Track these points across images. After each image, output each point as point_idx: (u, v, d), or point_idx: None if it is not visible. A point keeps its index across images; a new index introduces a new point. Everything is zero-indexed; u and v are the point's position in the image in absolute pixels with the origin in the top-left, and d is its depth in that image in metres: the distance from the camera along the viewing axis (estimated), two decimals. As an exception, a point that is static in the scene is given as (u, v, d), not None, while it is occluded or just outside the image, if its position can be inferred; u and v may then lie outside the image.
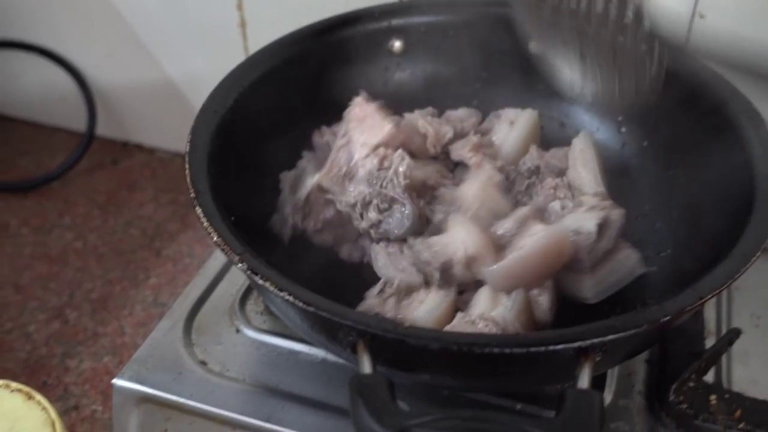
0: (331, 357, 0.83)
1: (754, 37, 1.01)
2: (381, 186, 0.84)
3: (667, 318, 0.61)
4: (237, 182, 0.82)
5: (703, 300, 0.62)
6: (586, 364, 0.59)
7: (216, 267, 0.96)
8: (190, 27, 1.32)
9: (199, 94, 0.86)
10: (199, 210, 0.70)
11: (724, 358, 0.84)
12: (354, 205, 0.85)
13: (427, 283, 0.80)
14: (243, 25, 1.28)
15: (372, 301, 0.77)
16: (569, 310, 0.82)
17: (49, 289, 1.21)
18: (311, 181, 0.87)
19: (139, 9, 1.34)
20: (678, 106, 0.88)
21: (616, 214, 0.81)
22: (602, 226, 0.78)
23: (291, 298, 0.62)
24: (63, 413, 1.02)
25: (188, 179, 0.74)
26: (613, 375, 0.82)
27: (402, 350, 0.62)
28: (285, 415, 0.78)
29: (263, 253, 0.69)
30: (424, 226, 0.86)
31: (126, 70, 1.43)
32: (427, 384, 0.77)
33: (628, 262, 0.82)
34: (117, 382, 0.82)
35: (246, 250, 0.67)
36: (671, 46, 0.89)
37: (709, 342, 0.84)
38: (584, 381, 0.58)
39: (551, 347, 0.58)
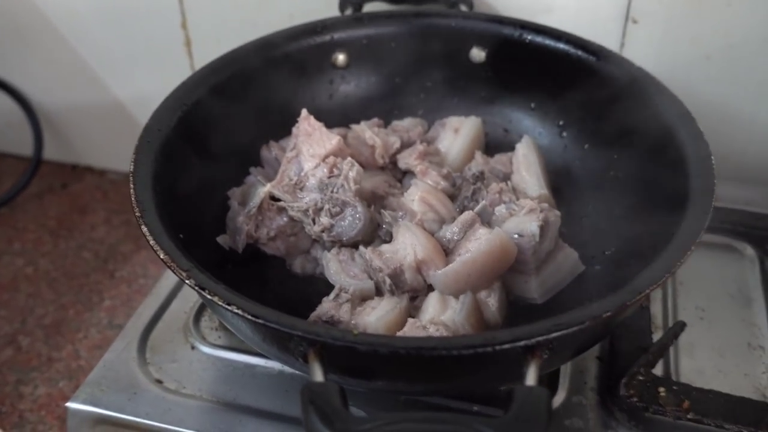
0: (287, 369, 0.84)
1: (683, 39, 1.05)
2: (332, 191, 0.85)
3: (609, 313, 0.62)
4: (184, 200, 0.82)
5: (642, 294, 0.64)
6: (533, 362, 0.60)
7: (169, 286, 0.96)
8: (135, 47, 1.32)
9: (147, 114, 0.86)
10: (144, 228, 0.70)
11: (671, 350, 0.86)
12: (306, 211, 0.86)
13: (379, 290, 0.82)
14: (188, 43, 1.28)
15: (327, 305, 0.78)
16: (520, 312, 0.84)
17: (1, 316, 1.19)
18: (263, 190, 0.88)
19: (83, 31, 1.33)
20: (615, 108, 0.91)
21: (554, 215, 0.83)
22: (543, 228, 0.80)
23: (240, 312, 0.62)
24: (19, 441, 1.01)
25: (133, 198, 0.74)
26: (566, 373, 0.84)
27: (353, 357, 0.63)
28: (243, 429, 0.78)
29: (213, 270, 0.70)
30: (375, 232, 0.87)
31: (72, 92, 1.42)
32: (382, 390, 0.77)
33: (568, 261, 0.84)
34: (71, 405, 0.81)
35: (193, 265, 0.68)
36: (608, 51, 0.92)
37: (657, 336, 0.86)
38: (531, 378, 0.59)
39: (498, 347, 0.60)
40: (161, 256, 0.68)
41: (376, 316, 0.76)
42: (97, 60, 1.36)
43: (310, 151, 0.89)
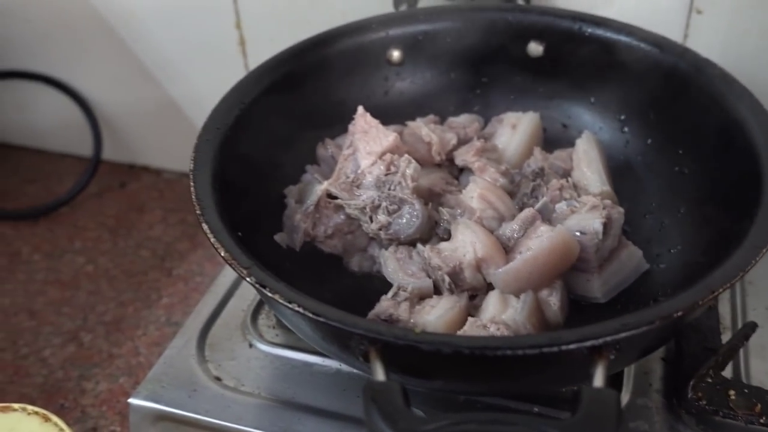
0: (345, 368, 0.83)
1: (751, 30, 1.01)
2: (389, 189, 0.84)
3: (680, 313, 0.60)
4: (242, 198, 0.83)
5: (715, 293, 0.62)
6: (600, 363, 0.59)
7: (226, 284, 0.96)
8: (190, 47, 1.33)
9: (201, 114, 0.87)
10: (205, 226, 0.71)
11: (741, 352, 0.83)
12: (363, 209, 0.85)
13: (438, 289, 0.81)
14: (242, 42, 1.29)
15: (385, 304, 0.77)
16: (582, 311, 0.82)
17: (63, 313, 1.21)
18: (320, 188, 0.87)
19: (139, 32, 1.35)
20: (680, 102, 0.89)
21: (618, 212, 0.81)
22: (606, 225, 0.78)
23: (301, 310, 0.62)
24: (81, 436, 1.03)
25: (193, 196, 0.74)
26: (629, 374, 0.82)
27: (414, 357, 0.62)
28: (301, 427, 0.78)
29: (271, 268, 0.69)
30: (432, 230, 0.86)
31: (129, 93, 1.44)
32: (442, 390, 0.76)
33: (632, 259, 0.82)
34: (133, 401, 0.82)
35: (254, 263, 0.68)
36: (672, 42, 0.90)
37: (725, 337, 0.83)
38: (599, 380, 0.58)
39: (564, 347, 0.58)
40: (222, 254, 0.68)
41: (435, 315, 0.75)
42: (152, 60, 1.38)
43: (367, 148, 0.89)
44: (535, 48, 1.00)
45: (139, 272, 1.29)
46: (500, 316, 0.74)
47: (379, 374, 0.59)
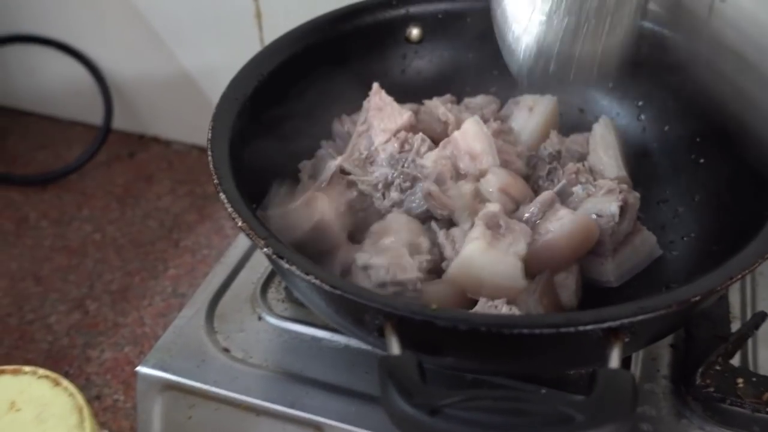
0: (353, 343, 0.83)
1: (775, 17, 1.00)
2: (403, 166, 0.84)
3: (697, 298, 0.60)
4: (257, 171, 0.82)
5: (733, 280, 0.62)
6: (616, 345, 0.59)
7: (237, 255, 0.96)
8: (205, 19, 1.32)
9: (214, 86, 0.86)
10: (223, 195, 0.70)
11: (750, 341, 0.83)
12: (376, 185, 0.85)
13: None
14: (259, 15, 1.28)
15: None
16: (594, 294, 0.82)
17: (69, 280, 1.22)
18: (333, 163, 0.87)
19: (153, 1, 1.34)
20: (700, 89, 0.88)
21: (633, 197, 0.81)
22: (622, 209, 0.78)
23: (318, 282, 0.62)
24: (85, 403, 1.03)
25: (211, 165, 0.74)
26: (637, 360, 0.82)
27: (429, 332, 0.62)
28: (309, 401, 0.78)
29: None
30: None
31: (142, 62, 1.43)
32: (453, 368, 0.76)
33: (646, 245, 0.82)
34: (141, 369, 0.82)
35: (270, 234, 0.67)
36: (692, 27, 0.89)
37: (735, 326, 0.83)
38: (615, 361, 0.58)
39: (581, 327, 0.58)
40: (240, 224, 0.68)
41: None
42: (167, 31, 1.37)
43: (381, 125, 0.88)
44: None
45: (147, 242, 1.29)
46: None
47: (395, 348, 0.59)
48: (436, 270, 0.79)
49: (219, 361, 0.83)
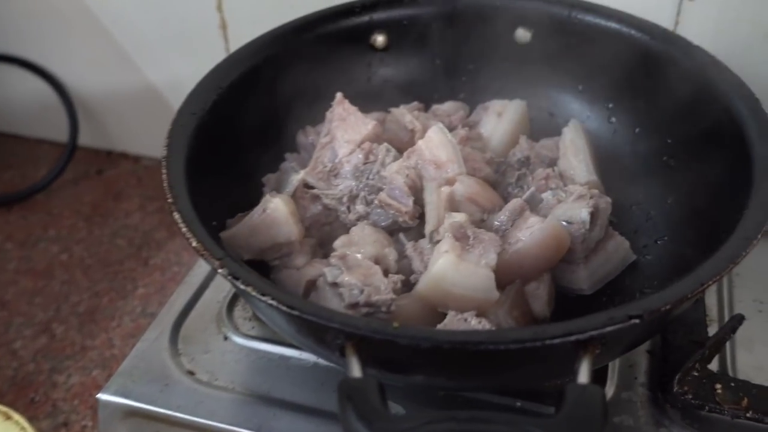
0: (322, 361, 0.81)
1: (742, 18, 0.99)
2: (368, 178, 0.82)
3: (668, 306, 0.58)
4: (218, 186, 0.80)
5: (704, 286, 0.60)
6: (585, 358, 0.57)
7: (202, 274, 0.93)
8: (170, 31, 1.30)
9: (182, 99, 0.84)
10: (177, 215, 0.68)
11: (728, 345, 0.81)
12: (341, 199, 0.82)
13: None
14: (224, 26, 1.26)
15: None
16: (568, 303, 0.80)
17: (35, 304, 1.18)
18: (296, 177, 0.85)
19: (118, 16, 1.31)
20: (670, 90, 0.86)
21: (604, 202, 0.79)
22: (593, 215, 0.76)
23: (274, 303, 0.59)
24: (52, 431, 0.99)
25: (165, 184, 0.71)
26: (614, 367, 0.80)
27: (393, 351, 0.60)
28: (276, 423, 0.76)
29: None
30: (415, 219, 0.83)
31: (108, 78, 1.40)
32: (422, 385, 0.74)
33: (619, 250, 0.80)
34: (102, 396, 0.79)
35: (226, 254, 0.65)
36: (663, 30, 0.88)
37: (712, 330, 0.82)
38: (584, 375, 0.55)
39: (548, 341, 0.56)
40: (193, 244, 0.65)
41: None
42: (132, 44, 1.34)
43: (345, 136, 0.86)
44: (522, 35, 0.97)
45: (115, 261, 1.26)
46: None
47: (355, 370, 0.56)
48: (405, 282, 0.76)
49: (183, 385, 0.80)
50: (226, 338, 0.85)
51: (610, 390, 0.78)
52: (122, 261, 1.26)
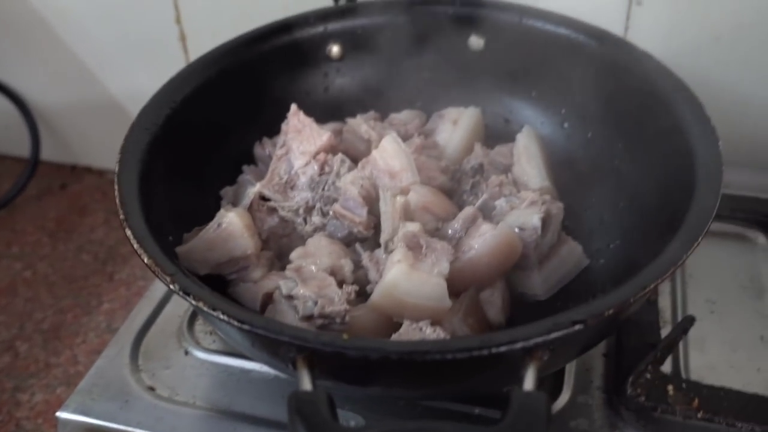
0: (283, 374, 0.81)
1: (691, 22, 1.01)
2: (323, 189, 0.82)
3: (611, 311, 0.59)
4: (174, 201, 0.80)
5: (647, 290, 0.61)
6: (531, 365, 0.57)
7: (162, 289, 0.93)
8: (130, 43, 1.30)
9: (145, 112, 0.84)
10: (128, 232, 0.68)
11: (681, 346, 0.82)
12: (297, 211, 0.83)
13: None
14: (183, 38, 1.26)
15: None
16: (523, 309, 0.81)
17: (-1, 321, 1.18)
18: (252, 190, 0.85)
19: (77, 29, 1.31)
20: (620, 95, 0.88)
21: (557, 208, 0.80)
22: (545, 221, 0.77)
23: (225, 318, 0.60)
24: (16, 450, 0.99)
25: (117, 200, 0.71)
26: (571, 371, 0.81)
27: (344, 363, 0.60)
28: (237, 437, 0.76)
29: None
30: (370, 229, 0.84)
31: (69, 91, 1.40)
32: (378, 395, 0.75)
33: (572, 255, 0.81)
34: (61, 414, 0.79)
35: (179, 270, 0.65)
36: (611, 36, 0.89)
37: (665, 331, 0.83)
38: (529, 382, 0.56)
39: (494, 349, 0.57)
40: (145, 260, 0.66)
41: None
42: (92, 58, 1.34)
43: (300, 148, 0.87)
44: (476, 41, 0.99)
45: (80, 277, 1.25)
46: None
47: (306, 383, 0.57)
48: (362, 292, 0.77)
49: (144, 401, 0.80)
50: (186, 353, 0.85)
51: (566, 394, 0.79)
52: (87, 276, 1.25)
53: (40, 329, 1.16)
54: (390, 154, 0.82)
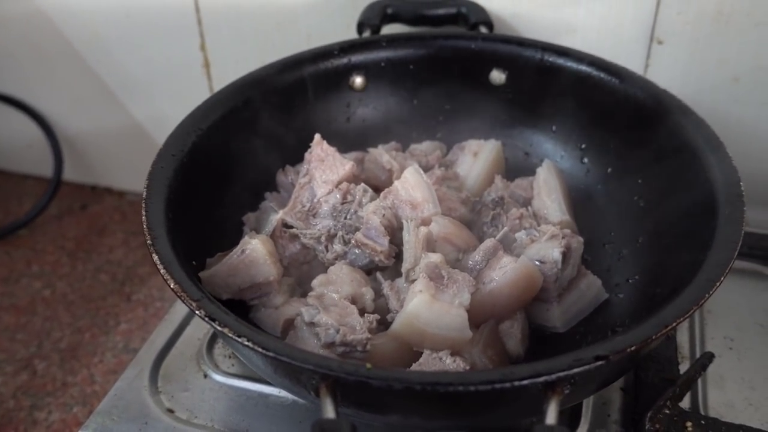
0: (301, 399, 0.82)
1: (710, 60, 1.02)
2: (345, 218, 0.83)
3: (633, 348, 0.60)
4: (199, 226, 0.81)
5: (668, 328, 0.61)
6: (553, 399, 0.58)
7: (182, 311, 0.94)
8: (154, 69, 1.32)
9: (165, 135, 0.85)
10: (155, 257, 0.69)
11: (699, 382, 0.83)
12: (319, 238, 0.84)
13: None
14: (207, 65, 1.28)
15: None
16: (542, 341, 0.81)
17: (17, 340, 1.19)
18: (275, 217, 0.86)
19: (103, 54, 1.33)
20: (640, 132, 0.89)
21: (576, 242, 0.81)
22: (565, 254, 0.78)
23: (249, 344, 0.61)
24: (32, 469, 1.00)
25: (144, 225, 0.73)
26: (588, 404, 0.81)
27: (366, 392, 0.61)
28: (255, 462, 0.76)
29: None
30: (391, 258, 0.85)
31: (92, 114, 1.42)
32: (398, 425, 0.75)
33: (591, 289, 0.82)
34: (81, 435, 0.80)
35: (204, 295, 0.66)
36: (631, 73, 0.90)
37: (684, 367, 0.83)
38: (551, 417, 0.57)
39: (516, 383, 0.57)
40: (171, 286, 0.67)
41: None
42: (117, 82, 1.36)
43: (323, 177, 0.88)
44: (497, 76, 1.00)
45: (98, 297, 1.27)
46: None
47: (329, 411, 0.57)
48: (382, 321, 0.78)
49: (163, 423, 0.81)
50: (206, 376, 0.86)
51: (584, 427, 0.79)
52: (105, 297, 1.27)
53: (57, 348, 1.17)
54: (412, 185, 0.83)
